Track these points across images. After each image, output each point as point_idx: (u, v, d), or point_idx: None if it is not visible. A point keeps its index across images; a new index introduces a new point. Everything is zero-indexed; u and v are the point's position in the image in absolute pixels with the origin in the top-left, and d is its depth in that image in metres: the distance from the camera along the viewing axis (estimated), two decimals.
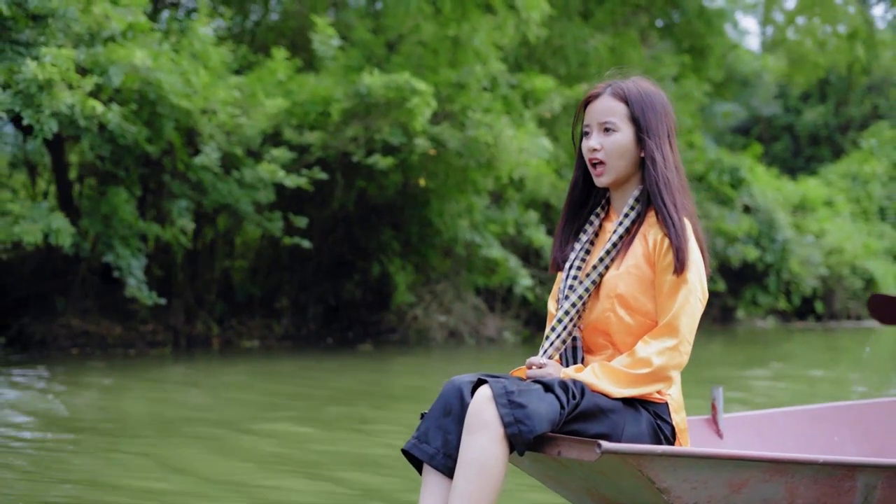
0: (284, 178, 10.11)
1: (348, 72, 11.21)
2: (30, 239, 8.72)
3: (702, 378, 8.60)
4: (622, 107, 2.88)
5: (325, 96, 10.82)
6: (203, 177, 10.16)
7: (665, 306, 2.80)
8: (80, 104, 8.31)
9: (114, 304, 11.47)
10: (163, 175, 10.31)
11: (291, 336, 12.52)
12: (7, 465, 4.67)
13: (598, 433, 2.71)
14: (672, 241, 2.78)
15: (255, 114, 10.21)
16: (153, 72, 9.25)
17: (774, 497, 2.79)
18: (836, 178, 24.30)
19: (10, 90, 8.27)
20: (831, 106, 30.17)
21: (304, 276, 12.67)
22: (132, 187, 10.15)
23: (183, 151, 10.21)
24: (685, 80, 16.30)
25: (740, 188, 18.07)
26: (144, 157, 10.24)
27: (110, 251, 9.74)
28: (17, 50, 8.66)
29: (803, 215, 20.46)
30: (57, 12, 8.68)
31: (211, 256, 12.03)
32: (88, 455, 5.01)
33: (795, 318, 19.86)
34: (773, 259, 18.22)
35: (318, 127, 10.84)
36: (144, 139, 9.63)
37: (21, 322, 11.13)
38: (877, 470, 2.89)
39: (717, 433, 3.58)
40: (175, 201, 10.13)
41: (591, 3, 16.62)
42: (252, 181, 10.16)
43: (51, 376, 8.49)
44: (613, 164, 2.88)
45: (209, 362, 10.22)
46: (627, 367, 2.77)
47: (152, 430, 5.83)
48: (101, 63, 8.80)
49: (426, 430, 2.71)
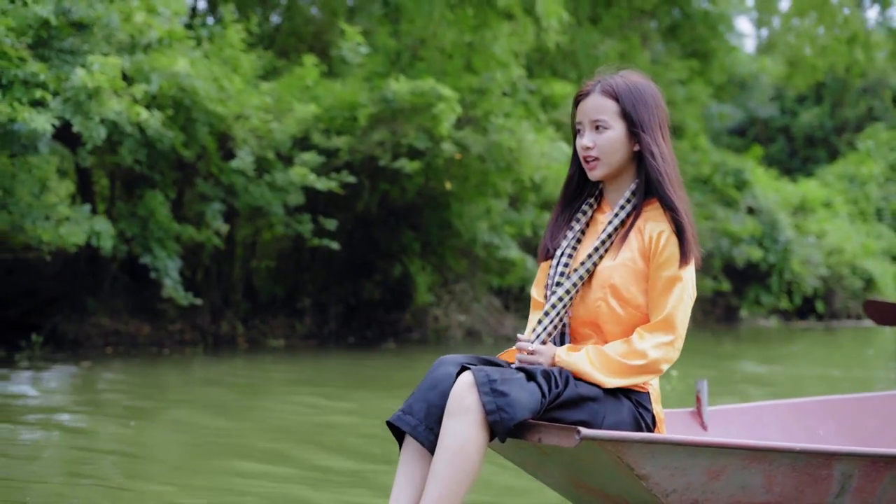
0: (316, 181, 10.40)
1: (373, 77, 11.50)
2: (75, 241, 8.97)
3: (738, 377, 8.91)
4: (612, 103, 2.90)
5: (351, 101, 11.10)
6: (235, 180, 10.44)
7: (660, 301, 2.83)
8: (126, 111, 8.57)
9: (142, 304, 11.74)
10: (196, 178, 10.58)
11: (313, 335, 12.80)
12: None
13: (579, 421, 2.74)
14: (678, 233, 2.83)
15: (286, 119, 10.49)
16: (189, 78, 9.52)
17: (752, 484, 2.82)
18: (833, 180, 24.69)
19: (59, 97, 8.53)
20: (827, 108, 30.58)
21: (325, 277, 12.95)
22: (166, 190, 10.42)
23: (216, 155, 10.48)
24: (692, 85, 16.62)
25: (744, 190, 18.41)
26: (178, 161, 10.51)
27: (147, 253, 10.00)
28: (62, 58, 8.93)
29: (803, 216, 20.83)
30: (101, 21, 8.96)
31: (236, 257, 12.30)
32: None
33: (796, 318, 20.23)
34: (775, 259, 18.59)
35: (346, 131, 11.12)
36: (181, 144, 9.90)
37: (53, 321, 11.38)
38: (853, 458, 2.92)
39: (702, 425, 3.63)
40: (208, 204, 10.41)
41: (600, 7, 16.94)
42: (283, 184, 10.44)
43: (125, 375, 8.78)
44: (607, 160, 2.91)
45: (256, 360, 10.48)
46: (622, 356, 2.80)
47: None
48: (143, 70, 9.06)
49: (411, 403, 2.74)
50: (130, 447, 5.39)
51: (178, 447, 5.50)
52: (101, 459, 5.02)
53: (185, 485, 4.39)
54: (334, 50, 13.50)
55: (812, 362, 11.78)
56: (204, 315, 11.90)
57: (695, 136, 17.46)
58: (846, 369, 10.67)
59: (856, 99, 30.48)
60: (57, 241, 9.02)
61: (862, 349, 13.97)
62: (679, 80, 16.70)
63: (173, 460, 5.11)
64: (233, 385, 8.35)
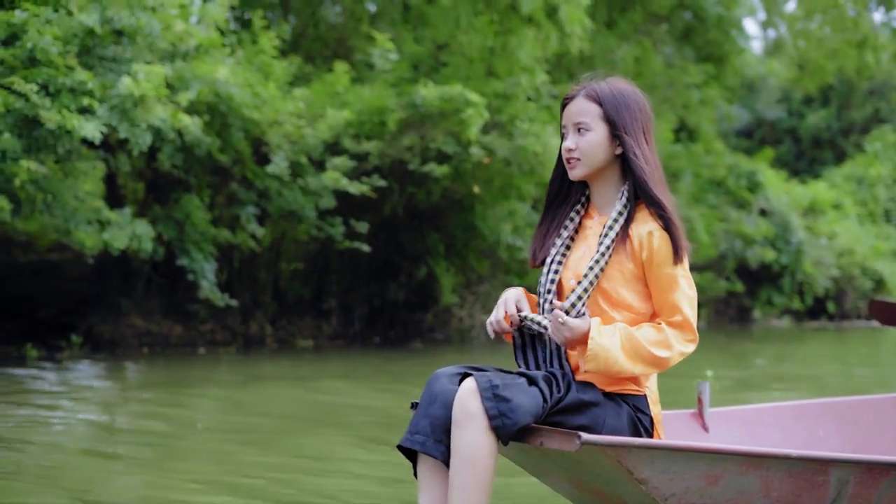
0: (348, 185, 10.64)
1: (401, 83, 11.74)
2: (118, 245, 9.21)
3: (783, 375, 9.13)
4: (595, 107, 2.93)
5: (380, 107, 11.34)
6: (269, 184, 10.68)
7: (668, 300, 2.87)
8: (170, 118, 8.81)
9: (174, 305, 11.98)
10: (231, 183, 10.82)
11: (340, 336, 13.04)
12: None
13: (580, 425, 2.79)
14: (668, 230, 2.85)
15: (318, 124, 10.72)
16: (226, 85, 9.76)
17: (750, 490, 2.85)
18: (841, 181, 24.94)
19: (104, 104, 8.77)
20: (834, 109, 30.82)
21: (350, 278, 13.19)
22: (201, 194, 10.66)
23: (250, 160, 10.72)
24: (708, 89, 16.86)
25: (756, 192, 18.65)
26: (212, 165, 10.75)
27: (185, 255, 10.24)
28: (106, 66, 9.17)
29: (814, 218, 21.07)
30: (143, 30, 9.20)
31: (265, 259, 12.53)
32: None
33: (808, 318, 20.47)
34: (787, 261, 18.83)
35: (375, 136, 11.36)
36: (217, 149, 10.14)
37: (88, 322, 11.61)
38: (849, 465, 2.94)
39: (703, 427, 3.65)
40: (243, 207, 10.65)
41: (615, 12, 17.17)
42: (316, 188, 10.68)
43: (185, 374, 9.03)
44: (587, 161, 2.93)
45: (305, 359, 10.75)
46: (653, 344, 2.83)
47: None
48: (185, 78, 9.30)
49: (416, 422, 2.80)
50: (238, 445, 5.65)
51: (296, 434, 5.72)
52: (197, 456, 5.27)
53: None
54: (358, 55, 13.76)
55: (836, 361, 12.00)
56: (234, 316, 12.14)
57: (710, 139, 17.70)
58: (871, 367, 10.89)
59: (862, 101, 30.73)
60: (100, 245, 9.26)
61: (881, 348, 14.21)
62: (695, 84, 16.92)
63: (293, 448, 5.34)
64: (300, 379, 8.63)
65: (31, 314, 12.07)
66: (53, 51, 8.62)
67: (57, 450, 5.29)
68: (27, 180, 8.33)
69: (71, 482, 4.44)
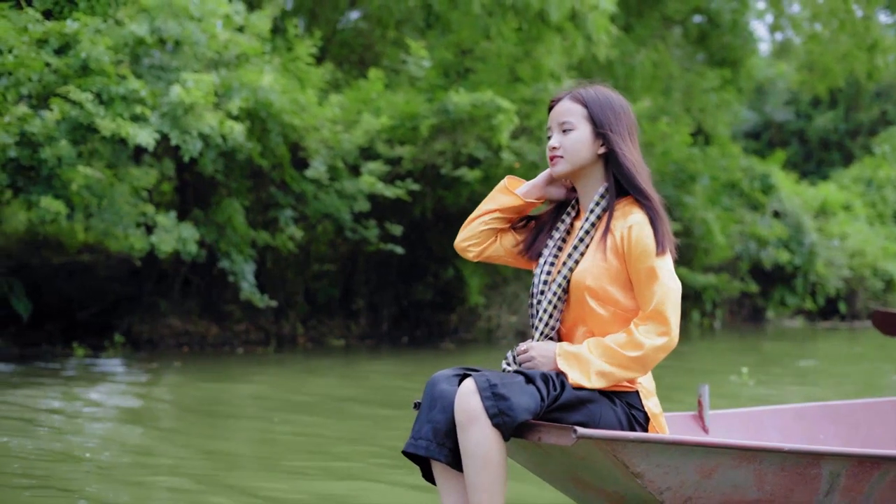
0: (384, 189, 10.93)
1: (433, 89, 12.03)
2: (165, 248, 9.49)
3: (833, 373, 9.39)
4: (580, 108, 3.03)
5: (413, 112, 11.63)
6: (306, 188, 10.97)
7: (646, 293, 2.91)
8: (219, 125, 9.11)
9: (209, 306, 12.27)
10: (269, 187, 11.11)
11: (368, 335, 13.34)
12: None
13: (577, 421, 2.85)
14: (652, 223, 2.93)
15: (354, 130, 11.02)
16: (266, 91, 10.05)
17: (744, 483, 2.90)
18: (849, 183, 25.23)
19: (155, 112, 9.06)
20: (841, 111, 31.12)
21: (378, 280, 13.49)
22: (241, 198, 10.95)
23: (288, 165, 11.02)
24: (725, 93, 17.14)
25: (770, 194, 18.94)
26: (250, 170, 11.04)
27: (226, 258, 10.53)
28: (154, 74, 9.46)
29: (825, 219, 21.36)
30: (189, 39, 9.50)
31: (295, 261, 12.82)
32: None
33: (819, 318, 20.77)
34: (801, 262, 19.12)
35: (408, 141, 11.65)
36: (258, 154, 10.44)
37: (126, 322, 11.90)
38: (840, 458, 3.00)
39: (704, 428, 3.70)
40: (281, 210, 10.94)
41: (632, 17, 17.45)
42: (352, 192, 10.97)
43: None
44: (569, 158, 3.02)
45: (352, 357, 11.07)
46: (621, 346, 2.89)
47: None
48: (231, 86, 9.59)
49: (418, 428, 2.87)
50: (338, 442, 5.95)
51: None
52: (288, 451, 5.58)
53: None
54: (385, 61, 14.05)
55: (864, 359, 12.24)
56: (267, 316, 12.44)
57: (725, 142, 18.00)
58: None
59: (869, 103, 31.03)
60: (147, 247, 9.54)
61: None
62: (712, 89, 17.21)
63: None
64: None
65: (68, 314, 12.37)
66: (105, 60, 8.91)
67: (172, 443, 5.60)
68: (83, 185, 8.62)
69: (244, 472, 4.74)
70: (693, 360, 11.65)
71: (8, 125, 8.40)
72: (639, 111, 14.12)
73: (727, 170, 17.55)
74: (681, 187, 16.03)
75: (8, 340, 10.68)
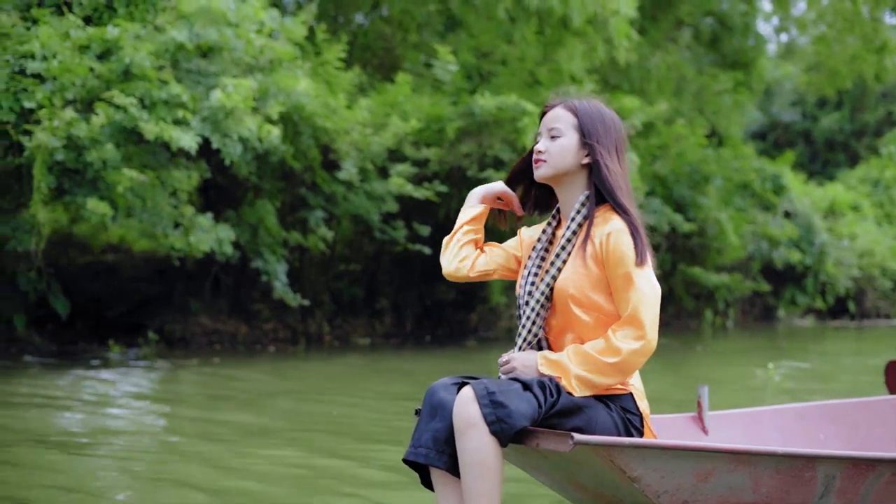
0: (413, 190, 11.18)
1: (458, 92, 12.28)
2: (203, 248, 9.73)
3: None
4: (570, 116, 3.08)
5: (438, 115, 11.88)
6: (336, 189, 11.22)
7: (623, 299, 2.95)
8: (258, 128, 9.35)
9: (238, 305, 12.52)
10: (300, 188, 11.36)
11: (393, 334, 13.59)
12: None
13: (574, 427, 2.89)
14: (632, 233, 2.97)
15: (384, 132, 11.27)
16: (301, 96, 10.29)
17: (740, 486, 2.93)
18: (856, 184, 25.51)
19: (196, 116, 9.31)
20: (847, 112, 31.41)
21: (401, 279, 13.74)
22: (272, 199, 11.19)
23: (319, 167, 11.27)
24: (738, 94, 17.40)
25: (781, 195, 19.21)
26: (281, 172, 11.29)
27: (259, 258, 10.77)
28: (193, 79, 9.71)
29: (834, 220, 21.63)
30: (228, 45, 9.75)
31: (318, 261, 13.08)
32: None
33: (829, 317, 21.05)
34: (811, 261, 19.39)
35: (434, 144, 11.90)
36: (290, 156, 10.69)
37: (158, 321, 12.14)
38: (835, 461, 3.02)
39: (703, 430, 3.70)
40: (311, 211, 11.19)
41: (646, 21, 17.70)
42: (381, 193, 11.22)
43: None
44: (553, 163, 3.07)
45: (386, 355, 11.32)
46: (599, 353, 2.93)
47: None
48: (268, 90, 9.84)
49: (418, 436, 2.93)
50: None
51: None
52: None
53: None
54: (406, 64, 14.30)
55: (883, 354, 12.49)
56: (295, 315, 12.69)
57: (738, 144, 18.26)
58: None
59: (875, 104, 31.31)
60: (186, 248, 9.78)
61: None
62: (725, 91, 17.47)
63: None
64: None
65: (96, 313, 12.60)
66: (147, 65, 9.16)
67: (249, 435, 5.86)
68: (129, 188, 8.87)
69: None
70: (715, 358, 11.91)
71: (56, 129, 8.64)
72: (656, 114, 14.38)
73: (740, 171, 17.81)
74: (695, 188, 16.28)
75: (45, 338, 10.92)
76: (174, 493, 4.25)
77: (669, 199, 15.85)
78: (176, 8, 9.82)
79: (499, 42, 13.62)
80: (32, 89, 8.86)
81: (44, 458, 4.94)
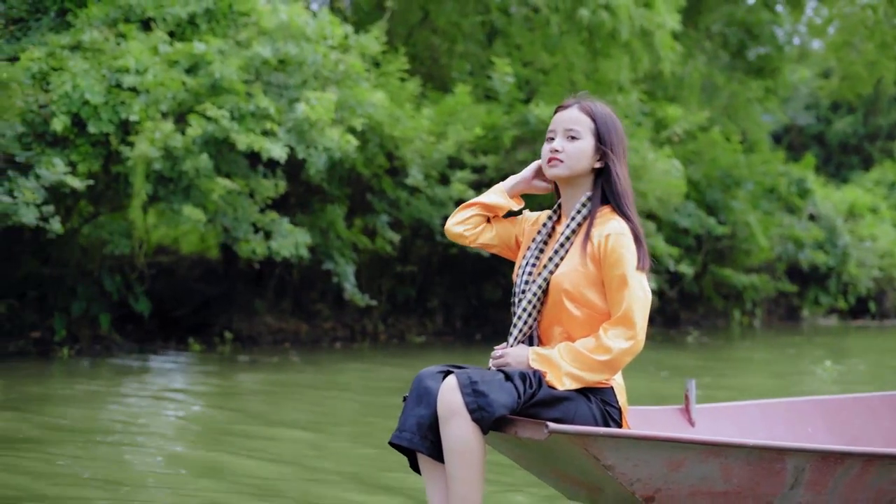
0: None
1: (512, 101, 12.87)
2: (283, 252, 10.28)
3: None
4: (588, 120, 3.18)
5: (494, 124, 12.45)
6: (400, 195, 11.80)
7: (616, 299, 3.07)
8: (341, 139, 9.92)
9: (299, 304, 13.11)
10: (367, 193, 11.94)
11: (443, 332, 14.18)
12: None
13: (553, 417, 3.00)
14: (635, 239, 3.11)
15: (446, 140, 11.85)
16: (373, 107, 10.85)
17: (711, 476, 3.01)
18: (872, 186, 26.09)
19: (282, 127, 9.88)
20: (860, 116, 31.96)
21: (451, 280, 14.32)
22: (341, 204, 11.77)
23: (384, 174, 11.85)
24: (767, 101, 17.99)
25: (806, 197, 19.80)
26: (348, 178, 11.87)
27: (329, 260, 11.34)
28: (275, 92, 10.27)
29: (854, 222, 22.22)
30: (307, 59, 10.31)
31: (378, 262, 13.65)
32: None
33: (850, 317, 21.65)
34: (835, 263, 19.99)
35: (491, 151, 12.48)
36: (361, 163, 11.27)
37: (225, 320, 12.69)
38: (804, 454, 3.11)
39: (690, 422, 3.78)
40: (377, 216, 11.77)
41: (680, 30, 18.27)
42: (443, 198, 11.80)
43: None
44: (569, 164, 3.18)
45: (449, 352, 11.91)
46: (590, 350, 3.06)
47: None
48: (347, 103, 10.40)
49: (404, 420, 3.06)
50: None
51: None
52: None
53: None
54: (453, 73, 14.86)
55: None
56: (353, 314, 13.27)
57: (766, 149, 18.85)
58: None
59: (888, 107, 31.86)
60: (266, 252, 10.33)
61: None
62: (756, 98, 18.05)
63: None
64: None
65: (160, 314, 13.15)
66: (235, 79, 9.73)
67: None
68: (222, 195, 9.43)
69: None
70: (762, 357, 12.45)
71: (155, 140, 9.20)
72: (694, 121, 14.96)
73: (768, 174, 18.38)
74: (726, 192, 16.87)
75: (126, 338, 11.48)
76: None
77: (702, 202, 16.43)
78: (257, 24, 10.37)
79: (540, 52, 14.18)
80: (129, 102, 9.41)
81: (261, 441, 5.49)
